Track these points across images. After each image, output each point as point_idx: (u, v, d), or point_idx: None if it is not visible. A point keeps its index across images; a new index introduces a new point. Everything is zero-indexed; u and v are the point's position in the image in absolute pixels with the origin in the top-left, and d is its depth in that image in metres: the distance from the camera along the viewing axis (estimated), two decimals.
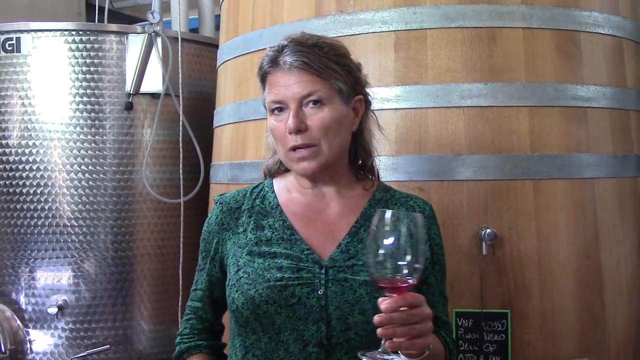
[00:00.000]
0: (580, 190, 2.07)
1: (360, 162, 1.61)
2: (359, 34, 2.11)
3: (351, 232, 1.51)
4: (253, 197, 1.61)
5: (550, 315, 2.00)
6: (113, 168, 2.88)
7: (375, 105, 2.04)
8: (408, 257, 1.25)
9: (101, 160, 2.87)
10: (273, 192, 1.61)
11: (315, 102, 1.46)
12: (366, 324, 1.42)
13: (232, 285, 1.51)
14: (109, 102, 2.89)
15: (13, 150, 2.87)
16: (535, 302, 1.99)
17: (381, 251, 1.25)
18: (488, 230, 1.96)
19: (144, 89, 2.92)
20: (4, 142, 2.89)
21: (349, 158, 1.59)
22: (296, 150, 1.47)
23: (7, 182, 2.87)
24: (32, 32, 2.88)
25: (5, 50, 2.88)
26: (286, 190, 1.60)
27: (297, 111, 1.46)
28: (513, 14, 2.06)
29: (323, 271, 1.46)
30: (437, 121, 2.03)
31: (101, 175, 2.87)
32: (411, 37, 2.06)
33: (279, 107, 1.48)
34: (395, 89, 2.05)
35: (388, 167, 2.04)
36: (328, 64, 1.47)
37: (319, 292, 1.44)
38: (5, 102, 2.89)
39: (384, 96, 2.06)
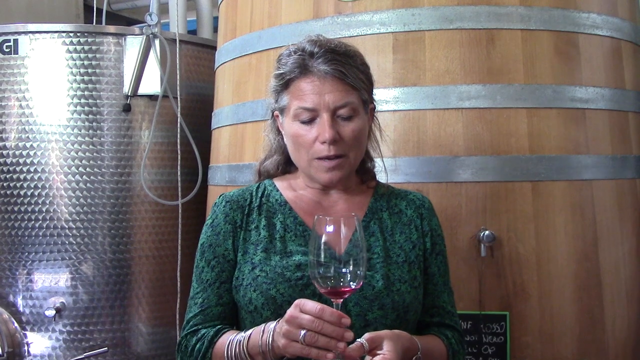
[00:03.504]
0: (579, 192, 2.07)
1: (363, 166, 1.63)
2: (357, 36, 2.10)
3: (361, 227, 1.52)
4: (259, 195, 1.59)
5: (549, 317, 2.00)
6: (111, 170, 2.87)
7: None
8: (349, 263, 1.26)
9: (99, 162, 2.86)
10: (277, 190, 1.60)
11: (347, 111, 1.46)
12: (384, 319, 1.44)
13: (247, 285, 1.48)
14: (106, 104, 2.88)
15: (10, 152, 2.87)
16: (534, 304, 1.99)
17: (322, 258, 1.26)
18: (487, 232, 1.96)
19: (142, 90, 2.91)
20: (1, 144, 2.88)
21: None
22: (326, 160, 1.46)
23: (5, 184, 2.86)
24: (30, 34, 2.87)
25: (3, 52, 2.87)
26: (291, 189, 1.60)
27: (332, 121, 1.45)
28: (511, 15, 2.06)
29: (342, 266, 1.46)
30: (435, 123, 2.02)
31: (99, 177, 2.86)
32: (409, 39, 2.06)
33: (308, 115, 1.46)
34: (394, 91, 2.05)
35: (386, 168, 2.03)
36: (359, 75, 1.48)
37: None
38: (3, 104, 2.88)
39: (382, 98, 2.05)
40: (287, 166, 1.64)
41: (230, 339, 1.41)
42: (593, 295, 2.06)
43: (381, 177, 1.72)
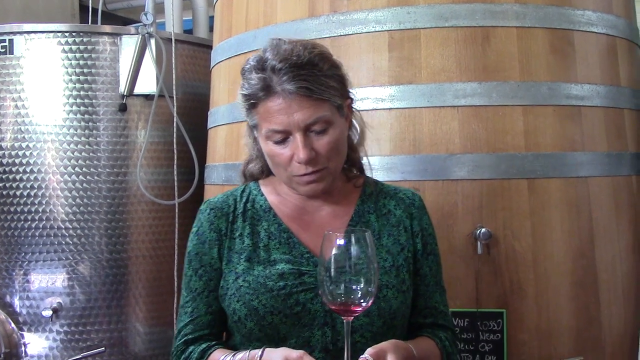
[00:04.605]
0: (574, 189, 2.07)
1: (348, 160, 1.58)
2: (352, 34, 2.10)
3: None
4: (244, 201, 1.56)
5: (546, 314, 2.00)
6: (107, 170, 2.87)
7: (369, 105, 2.06)
8: (361, 280, 1.22)
9: (95, 162, 2.86)
10: (262, 194, 1.57)
11: (320, 126, 1.41)
12: (371, 326, 1.42)
13: (231, 295, 1.46)
14: (102, 104, 2.87)
15: (7, 153, 2.86)
16: (530, 301, 1.99)
17: (332, 275, 1.22)
18: (483, 230, 1.96)
19: (138, 90, 2.91)
20: None
21: None
22: (304, 176, 1.43)
23: (1, 185, 2.86)
24: (25, 34, 2.86)
25: None
26: (275, 193, 1.57)
27: (305, 140, 1.40)
28: (507, 13, 2.06)
29: None
30: (431, 121, 2.02)
31: (95, 177, 2.86)
32: (405, 37, 2.06)
33: (280, 136, 1.42)
34: (389, 89, 2.05)
35: (383, 166, 2.04)
36: (327, 83, 1.41)
37: None
38: None
39: (378, 96, 2.05)
40: (271, 170, 1.59)
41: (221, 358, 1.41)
42: (589, 292, 2.07)
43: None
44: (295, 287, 1.43)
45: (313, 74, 1.39)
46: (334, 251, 1.23)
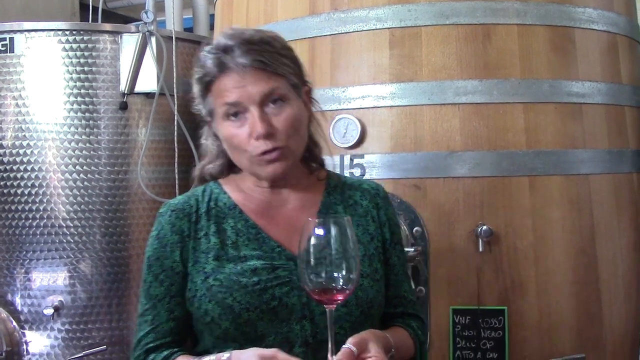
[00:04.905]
0: (576, 186, 2.07)
1: (309, 153, 1.56)
2: (353, 32, 2.10)
3: None
4: (206, 200, 1.51)
5: (547, 311, 2.00)
6: (108, 168, 2.87)
7: (370, 102, 2.06)
8: (343, 267, 1.21)
9: (96, 160, 2.86)
10: (225, 192, 1.53)
11: (276, 100, 1.39)
12: (349, 316, 1.40)
13: (202, 296, 1.41)
14: (103, 102, 2.87)
15: (7, 151, 2.86)
16: (531, 298, 1.99)
17: (313, 262, 1.20)
18: (484, 227, 1.96)
19: (139, 88, 2.90)
20: None
21: None
22: (265, 154, 1.39)
23: (2, 183, 2.86)
24: (26, 32, 2.86)
25: None
26: (239, 190, 1.53)
27: (261, 113, 1.38)
28: (507, 10, 2.06)
29: None
30: (432, 118, 2.02)
31: (96, 176, 2.86)
32: (406, 35, 2.06)
33: (236, 112, 1.40)
34: (390, 87, 2.05)
35: (384, 164, 2.04)
36: (280, 59, 1.41)
37: (299, 289, 1.38)
38: None
39: (379, 94, 2.05)
40: (232, 168, 1.57)
41: None
42: (590, 289, 2.07)
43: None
44: (269, 281, 1.39)
45: (266, 50, 1.40)
46: (313, 239, 1.20)
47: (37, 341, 2.85)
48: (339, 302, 1.23)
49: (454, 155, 2.00)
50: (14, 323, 2.85)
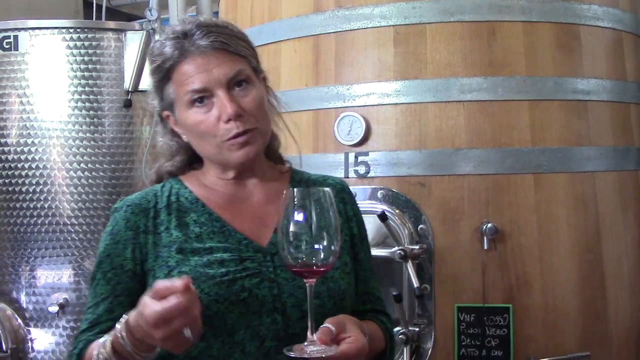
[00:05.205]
0: (581, 183, 2.07)
1: (269, 145, 1.51)
2: (358, 29, 2.10)
3: None
4: (166, 195, 1.45)
5: (552, 309, 2.00)
6: (112, 165, 2.87)
7: (375, 100, 2.06)
8: (323, 237, 1.16)
9: (100, 158, 2.86)
10: (186, 188, 1.46)
11: (241, 82, 1.36)
12: (322, 308, 1.33)
13: None
14: (107, 100, 2.88)
15: (12, 149, 2.86)
16: (537, 296, 1.99)
17: (293, 233, 1.16)
18: (489, 225, 1.96)
19: (143, 86, 2.91)
20: (2, 140, 2.88)
21: None
22: (237, 137, 1.35)
23: (7, 181, 2.87)
24: (30, 30, 2.86)
25: (3, 49, 2.86)
26: (201, 186, 1.47)
27: (229, 95, 1.34)
28: (512, 7, 2.05)
29: (269, 258, 1.37)
30: (437, 116, 2.02)
31: (100, 173, 2.86)
32: (410, 32, 2.06)
33: (201, 97, 1.35)
34: (395, 84, 2.04)
35: (388, 162, 2.04)
36: (240, 43, 1.38)
37: (270, 281, 1.34)
38: (4, 100, 2.88)
39: (383, 91, 2.05)
40: (192, 165, 1.51)
41: (97, 342, 1.28)
42: (596, 286, 2.06)
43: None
44: (238, 272, 1.34)
45: (225, 32, 1.37)
46: (294, 210, 1.16)
47: (42, 338, 2.86)
48: (320, 275, 1.20)
49: (458, 153, 2.00)
50: (19, 320, 2.86)
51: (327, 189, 1.21)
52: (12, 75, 2.87)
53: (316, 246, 1.16)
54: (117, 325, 1.21)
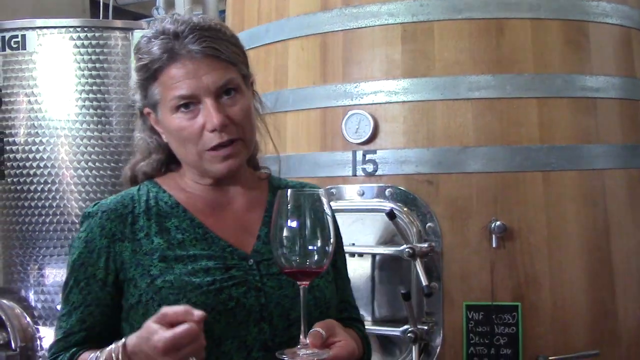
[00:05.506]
0: (590, 181, 2.06)
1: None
2: (365, 27, 2.09)
3: (265, 223, 1.38)
4: (144, 199, 1.38)
5: (561, 307, 1.99)
6: (120, 164, 2.88)
7: (382, 98, 2.05)
8: (317, 238, 1.14)
9: (108, 156, 2.87)
10: (164, 192, 1.40)
11: (230, 90, 1.31)
12: (308, 317, 1.25)
13: (148, 300, 1.28)
14: (115, 99, 2.88)
15: (20, 148, 2.88)
16: (545, 294, 1.98)
17: (286, 235, 1.14)
18: (498, 223, 1.95)
19: None
20: (11, 139, 2.89)
21: None
22: (219, 148, 1.30)
23: (15, 180, 2.88)
24: (38, 29, 2.87)
25: (11, 48, 2.87)
26: (179, 189, 1.41)
27: (217, 105, 1.29)
28: (521, 4, 2.04)
29: (255, 266, 1.33)
30: (445, 113, 2.02)
31: (108, 172, 2.87)
32: (418, 29, 2.05)
33: (187, 103, 1.29)
34: (403, 82, 2.04)
35: (396, 160, 2.03)
36: (232, 48, 1.33)
37: (256, 290, 1.31)
38: (12, 99, 2.89)
39: (391, 89, 2.05)
40: (168, 166, 1.45)
41: (89, 357, 1.24)
42: (605, 285, 2.06)
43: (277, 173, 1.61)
44: (224, 281, 1.29)
45: (218, 37, 1.32)
46: (288, 211, 1.14)
47: (50, 336, 2.87)
48: (313, 277, 1.18)
49: (467, 151, 2.00)
50: (28, 319, 2.87)
51: (321, 190, 1.20)
52: (20, 75, 2.89)
53: (310, 247, 1.15)
54: (112, 346, 1.19)
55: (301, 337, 1.18)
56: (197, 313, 1.09)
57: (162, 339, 1.08)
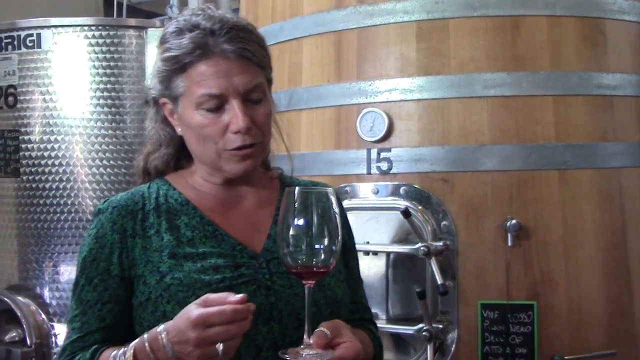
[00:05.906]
0: (606, 179, 2.05)
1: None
2: (380, 25, 2.09)
3: (276, 221, 1.33)
4: (154, 196, 1.38)
5: (577, 306, 1.98)
6: (134, 162, 2.89)
7: (397, 96, 2.05)
8: (324, 237, 1.14)
9: (122, 154, 2.88)
10: (174, 189, 1.40)
11: (256, 95, 1.31)
12: (318, 316, 1.27)
13: (157, 298, 1.28)
14: (129, 97, 2.89)
15: (35, 146, 2.89)
16: (561, 293, 1.97)
17: (293, 233, 1.13)
18: (513, 221, 1.94)
19: None
20: (26, 137, 2.91)
21: None
22: (240, 149, 1.31)
23: (30, 178, 2.89)
24: (53, 28, 2.89)
25: (26, 46, 2.89)
26: (190, 187, 1.41)
27: (244, 107, 1.29)
28: (536, 1, 2.03)
29: (264, 265, 1.33)
30: (460, 111, 2.01)
31: (122, 170, 2.88)
32: (433, 27, 2.04)
33: (215, 102, 1.29)
34: (418, 80, 2.03)
35: (411, 158, 2.03)
36: (262, 52, 1.34)
37: (266, 288, 1.30)
38: (27, 97, 2.91)
39: (406, 87, 2.04)
40: (179, 161, 1.45)
41: (113, 354, 1.22)
42: (621, 283, 2.04)
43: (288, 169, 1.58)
44: (234, 279, 1.29)
45: (251, 39, 1.31)
46: (295, 210, 1.13)
47: (65, 333, 2.88)
48: (320, 276, 1.17)
49: (482, 149, 1.99)
50: (43, 316, 2.89)
51: (329, 188, 1.19)
52: (35, 73, 2.90)
53: (317, 246, 1.14)
54: (145, 335, 1.18)
55: (305, 337, 1.17)
56: (237, 296, 1.11)
57: (195, 312, 1.10)
